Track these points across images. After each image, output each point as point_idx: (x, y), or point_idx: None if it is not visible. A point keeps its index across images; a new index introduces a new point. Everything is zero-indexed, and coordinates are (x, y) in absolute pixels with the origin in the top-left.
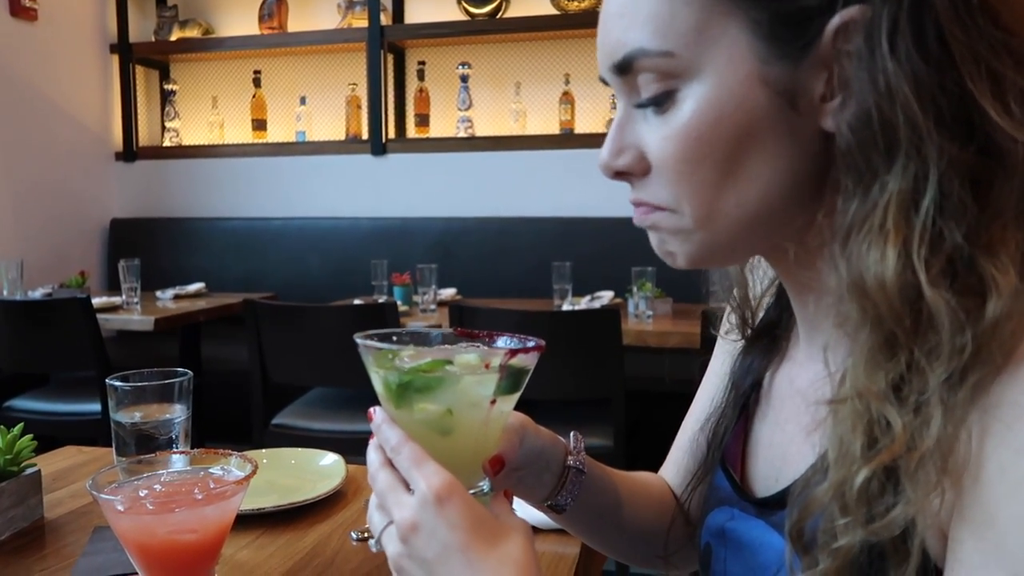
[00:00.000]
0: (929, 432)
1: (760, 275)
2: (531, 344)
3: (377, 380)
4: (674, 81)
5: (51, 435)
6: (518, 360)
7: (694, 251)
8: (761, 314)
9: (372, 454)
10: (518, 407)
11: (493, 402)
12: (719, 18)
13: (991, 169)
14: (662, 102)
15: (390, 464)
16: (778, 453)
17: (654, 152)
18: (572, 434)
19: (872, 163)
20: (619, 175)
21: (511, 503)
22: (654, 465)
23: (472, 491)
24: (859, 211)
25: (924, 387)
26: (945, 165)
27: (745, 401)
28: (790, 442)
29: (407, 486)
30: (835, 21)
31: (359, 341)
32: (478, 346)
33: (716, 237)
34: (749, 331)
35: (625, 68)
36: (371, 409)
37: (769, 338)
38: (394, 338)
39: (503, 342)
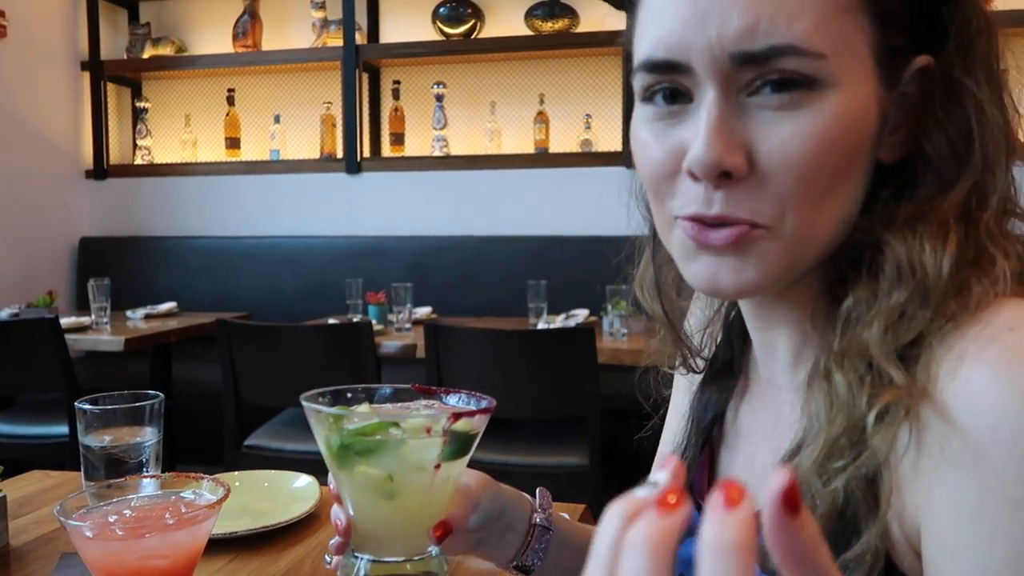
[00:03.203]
0: (921, 381)
1: (697, 312)
2: (482, 405)
3: (320, 441)
4: (812, 80)
5: (17, 459)
6: (463, 424)
7: (774, 273)
8: (706, 351)
9: None
10: (485, 441)
11: (438, 467)
12: (859, 32)
13: None
14: (795, 91)
15: None
16: (750, 480)
17: (776, 146)
18: (539, 490)
19: (951, 168)
20: (720, 178)
21: None
22: (631, 482)
23: (419, 556)
24: (927, 205)
25: (933, 346)
26: (1007, 175)
27: (708, 434)
28: (763, 469)
29: None
30: (915, 64)
31: (305, 404)
32: (433, 403)
33: (801, 257)
34: (697, 367)
35: (764, 58)
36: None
37: (726, 375)
38: (348, 394)
39: (454, 400)
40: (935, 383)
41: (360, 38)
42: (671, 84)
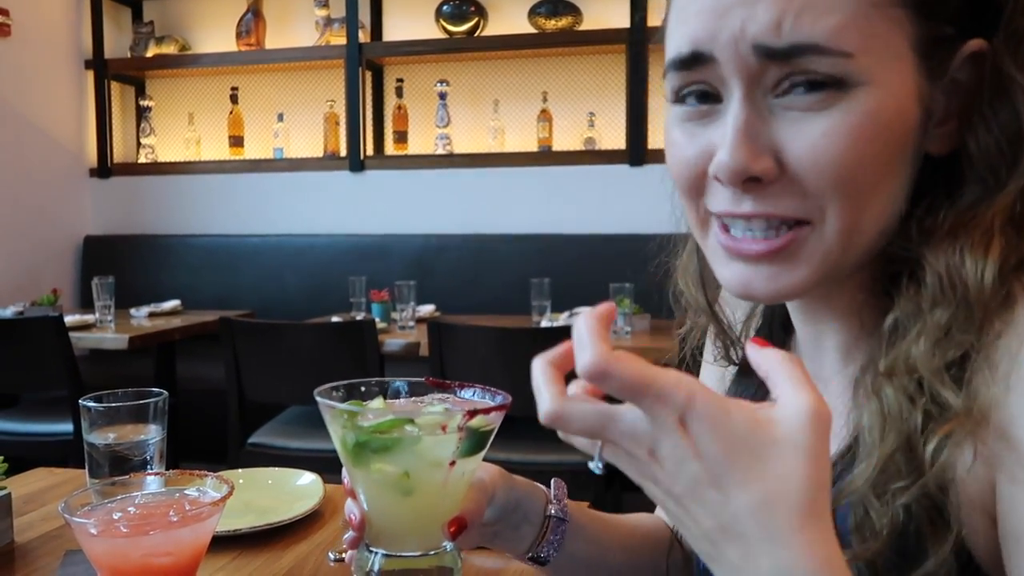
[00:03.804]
0: (978, 404)
1: (734, 303)
2: (497, 401)
3: (335, 436)
4: (840, 81)
5: (21, 456)
6: (478, 421)
7: (815, 276)
8: (744, 339)
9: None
10: (499, 438)
11: (453, 463)
12: (896, 28)
13: None
14: (824, 91)
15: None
16: None
17: (807, 147)
18: (553, 481)
19: (1000, 168)
20: (748, 182)
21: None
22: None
23: (434, 551)
24: (972, 210)
25: (982, 365)
26: None
27: None
28: None
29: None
30: (967, 48)
31: (319, 399)
32: (447, 397)
33: (845, 258)
34: (737, 357)
35: (786, 56)
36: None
37: None
38: (362, 388)
39: (468, 394)
40: (992, 402)
41: (363, 36)
42: (700, 86)
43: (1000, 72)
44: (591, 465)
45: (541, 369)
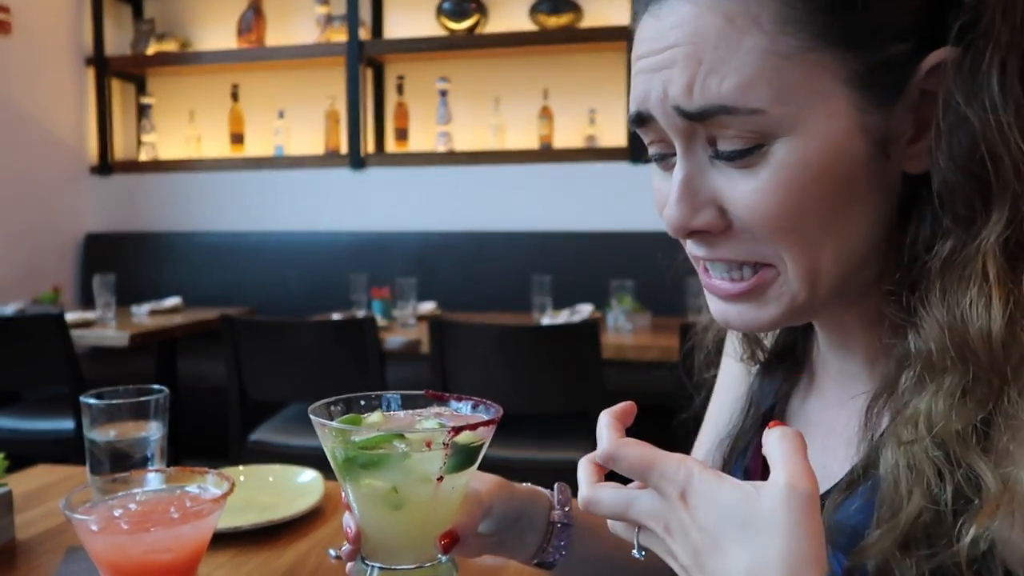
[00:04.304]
0: (1012, 481)
1: None
2: (491, 414)
3: (327, 451)
4: (762, 136)
5: (22, 453)
6: (465, 437)
7: (785, 315)
8: (768, 340)
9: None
10: (495, 443)
11: (441, 479)
12: (818, 71)
13: None
14: (747, 155)
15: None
16: (823, 467)
17: (742, 206)
18: (556, 485)
19: (974, 202)
20: (695, 235)
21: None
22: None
23: (429, 563)
24: (958, 255)
25: (1010, 437)
26: None
27: (766, 420)
28: (823, 465)
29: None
30: (927, 62)
31: (312, 417)
32: (444, 410)
33: (815, 297)
34: (762, 355)
35: (700, 117)
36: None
37: (790, 361)
38: (362, 402)
39: (463, 408)
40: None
41: (364, 33)
42: (658, 144)
43: (951, 102)
44: (634, 553)
45: (582, 466)
